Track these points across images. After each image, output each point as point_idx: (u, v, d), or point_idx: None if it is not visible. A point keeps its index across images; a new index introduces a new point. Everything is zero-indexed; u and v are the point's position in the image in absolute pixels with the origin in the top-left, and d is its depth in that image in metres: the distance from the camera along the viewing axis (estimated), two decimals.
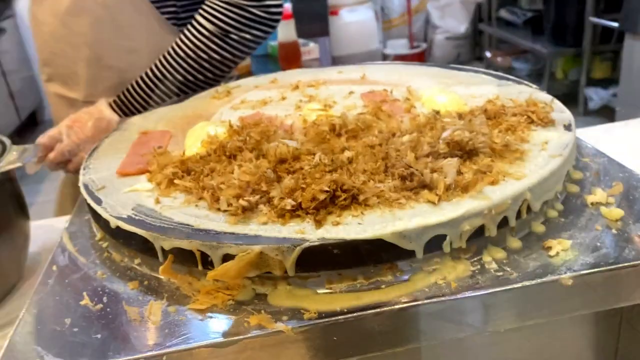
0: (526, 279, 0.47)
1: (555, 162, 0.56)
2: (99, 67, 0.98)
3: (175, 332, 0.47)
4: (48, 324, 0.49)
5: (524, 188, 0.52)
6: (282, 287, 0.49)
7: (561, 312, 0.49)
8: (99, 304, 0.51)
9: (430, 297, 0.47)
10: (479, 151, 0.57)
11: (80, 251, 0.60)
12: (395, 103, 0.75)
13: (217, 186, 0.55)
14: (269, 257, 0.48)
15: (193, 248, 0.50)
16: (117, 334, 0.47)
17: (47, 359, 0.45)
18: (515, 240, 0.52)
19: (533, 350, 0.56)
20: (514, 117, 0.65)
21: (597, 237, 0.52)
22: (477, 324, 0.48)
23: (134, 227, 0.53)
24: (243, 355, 0.46)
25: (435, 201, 0.50)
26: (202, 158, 0.62)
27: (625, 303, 0.50)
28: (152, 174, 0.62)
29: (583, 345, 0.57)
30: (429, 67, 0.90)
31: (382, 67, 0.94)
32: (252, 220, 0.51)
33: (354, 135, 0.64)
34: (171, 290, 0.52)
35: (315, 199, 0.51)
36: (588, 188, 0.60)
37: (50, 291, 0.54)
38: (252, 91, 0.88)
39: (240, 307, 0.48)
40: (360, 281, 0.49)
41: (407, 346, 0.48)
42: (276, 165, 0.57)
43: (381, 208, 0.51)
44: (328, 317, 0.46)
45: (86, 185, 0.63)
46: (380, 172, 0.55)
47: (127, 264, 0.56)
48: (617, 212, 0.54)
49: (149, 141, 0.71)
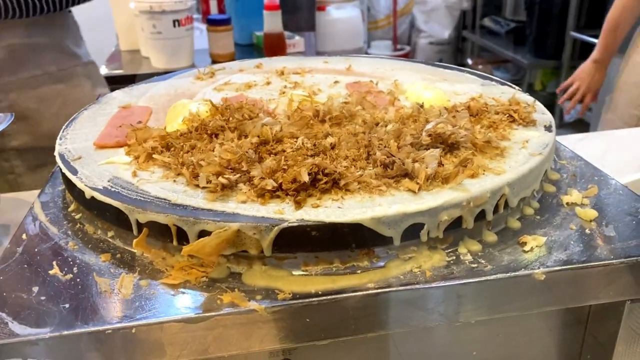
0: (500, 272, 0.48)
1: (535, 160, 0.56)
2: None
3: (146, 305, 0.46)
4: (14, 291, 0.48)
5: (503, 183, 0.52)
6: (257, 266, 0.49)
7: (532, 306, 0.50)
8: (68, 274, 0.50)
9: (404, 284, 0.47)
10: (460, 145, 0.58)
11: (52, 221, 0.58)
12: (380, 95, 0.75)
13: (196, 163, 0.54)
14: (246, 235, 0.47)
15: (169, 222, 0.49)
16: (85, 305, 0.46)
17: (11, 325, 0.44)
18: (491, 234, 0.53)
19: (500, 346, 0.57)
20: (496, 115, 0.65)
21: (571, 235, 0.53)
22: (450, 314, 0.48)
23: (109, 198, 0.52)
24: (214, 332, 0.45)
25: (416, 190, 0.50)
26: (182, 135, 0.61)
27: (595, 301, 0.51)
28: (130, 148, 0.61)
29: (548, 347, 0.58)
30: (415, 63, 0.91)
31: (368, 59, 0.94)
32: (230, 198, 0.51)
33: (338, 122, 0.64)
34: (144, 264, 0.51)
35: (296, 181, 0.50)
36: (564, 189, 0.61)
37: (18, 259, 0.52)
38: (237, 74, 0.87)
39: (213, 284, 0.48)
40: (337, 265, 0.49)
41: (379, 332, 0.48)
42: (258, 146, 0.57)
43: (361, 194, 0.51)
44: (302, 298, 0.45)
45: (62, 155, 0.61)
46: (362, 159, 0.55)
47: (100, 236, 0.55)
48: (591, 212, 0.55)
49: (129, 115, 0.70)
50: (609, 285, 0.50)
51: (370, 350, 0.53)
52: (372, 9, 4.28)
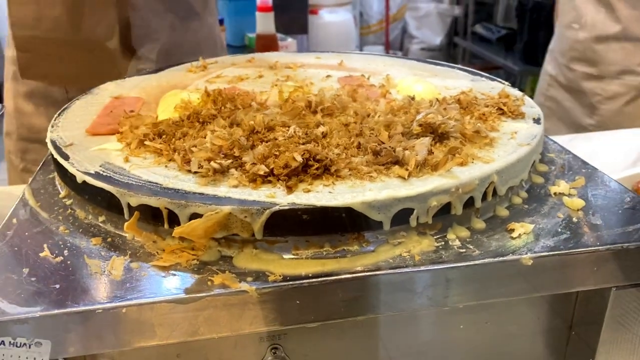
0: (488, 257, 0.49)
1: (523, 150, 0.57)
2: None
3: (137, 286, 0.46)
4: (4, 273, 0.48)
5: (492, 171, 0.53)
6: (248, 250, 0.49)
7: (519, 292, 0.51)
8: (59, 256, 0.50)
9: (393, 268, 0.47)
10: (450, 135, 0.58)
11: (43, 207, 0.58)
12: (372, 88, 0.76)
13: (188, 149, 0.55)
14: (237, 218, 0.48)
15: (160, 205, 0.49)
16: (76, 285, 0.46)
17: (1, 305, 0.44)
18: (480, 221, 0.53)
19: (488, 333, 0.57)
20: (486, 107, 0.66)
21: (558, 223, 0.54)
22: (438, 298, 0.49)
23: (101, 182, 0.52)
24: (204, 313, 0.45)
25: (406, 176, 0.51)
26: (174, 122, 0.62)
27: (581, 288, 0.52)
28: (122, 135, 0.61)
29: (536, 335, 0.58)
30: (406, 60, 0.92)
31: (360, 56, 0.95)
32: (222, 183, 0.51)
33: (330, 113, 0.65)
34: (135, 248, 0.51)
35: (287, 166, 0.51)
36: (552, 180, 0.62)
37: (8, 242, 0.52)
38: (229, 68, 0.88)
39: (204, 267, 0.48)
40: (327, 249, 0.49)
41: (368, 315, 0.48)
42: (250, 134, 0.57)
43: (352, 179, 0.51)
44: (292, 280, 0.46)
45: (54, 141, 0.61)
46: (353, 147, 0.56)
47: (91, 221, 0.55)
48: (578, 202, 0.56)
49: (122, 105, 0.70)
50: (595, 272, 0.51)
51: (358, 336, 0.54)
52: (365, 13, 4.31)
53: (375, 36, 4.36)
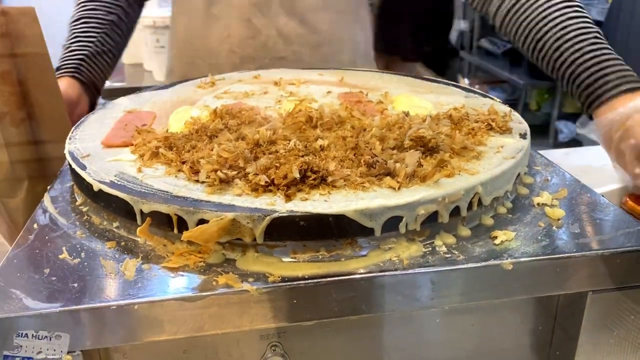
0: (472, 262, 0.53)
1: (508, 163, 0.61)
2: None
3: (148, 285, 0.50)
4: (27, 273, 0.52)
5: (477, 182, 0.57)
6: (250, 253, 0.54)
7: (501, 295, 0.55)
8: (76, 258, 0.54)
9: (384, 271, 0.51)
10: (439, 149, 0.63)
11: (61, 213, 0.63)
12: (369, 104, 0.80)
13: (196, 160, 0.59)
14: (240, 224, 0.52)
15: (170, 212, 0.54)
16: (92, 285, 0.51)
17: (25, 301, 0.48)
18: (465, 229, 0.57)
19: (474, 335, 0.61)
20: (475, 123, 0.70)
21: (539, 231, 0.57)
22: (425, 300, 0.53)
23: (116, 190, 0.57)
24: (209, 311, 0.49)
25: (396, 187, 0.55)
26: (184, 136, 0.66)
27: (559, 291, 0.56)
28: (136, 147, 0.66)
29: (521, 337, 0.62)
30: (404, 77, 0.96)
31: (359, 73, 1.00)
32: (227, 192, 0.56)
33: (329, 127, 0.69)
34: (146, 251, 0.56)
35: (287, 177, 0.55)
36: (537, 191, 0.66)
37: (30, 245, 0.57)
38: (236, 84, 0.93)
39: (210, 268, 0.52)
40: (322, 253, 0.53)
41: (361, 314, 0.52)
42: (254, 147, 0.62)
43: (347, 189, 0.55)
44: (290, 281, 0.50)
45: (71, 152, 0.66)
46: (349, 159, 0.60)
47: (106, 226, 0.60)
48: (559, 212, 0.60)
49: (134, 119, 0.75)
50: (573, 276, 0.55)
51: (352, 335, 0.58)
52: None
53: None
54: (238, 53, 1.08)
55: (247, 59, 1.08)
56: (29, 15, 0.81)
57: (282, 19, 1.06)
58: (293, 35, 1.07)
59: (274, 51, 1.08)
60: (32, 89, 0.84)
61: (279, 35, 1.07)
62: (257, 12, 1.06)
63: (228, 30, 1.07)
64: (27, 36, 0.82)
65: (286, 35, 1.07)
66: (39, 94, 0.84)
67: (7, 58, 0.81)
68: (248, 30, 1.06)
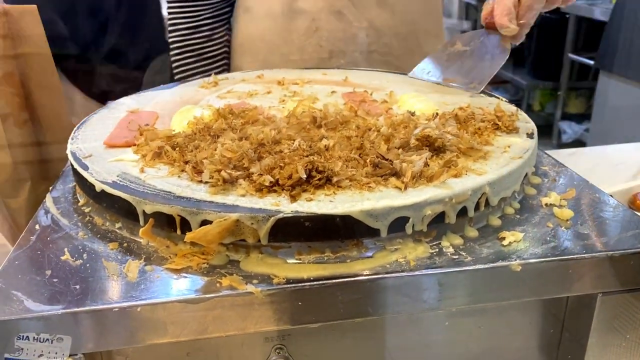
0: (479, 263, 0.52)
1: (515, 163, 0.60)
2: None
3: (151, 287, 0.50)
4: (28, 274, 0.52)
5: (484, 183, 0.56)
6: (254, 254, 0.53)
7: (510, 297, 0.54)
8: (78, 260, 0.54)
9: (390, 272, 0.50)
10: (446, 149, 0.62)
11: (63, 214, 0.62)
12: (374, 103, 0.79)
13: (199, 161, 0.58)
14: (244, 225, 0.51)
15: (174, 213, 0.53)
16: (95, 286, 0.50)
17: (26, 303, 0.48)
18: (473, 229, 0.56)
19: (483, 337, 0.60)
20: (482, 122, 0.69)
21: (547, 232, 0.57)
22: (432, 302, 0.52)
23: (118, 191, 0.56)
24: (213, 313, 0.49)
25: (402, 187, 0.54)
26: (187, 136, 0.66)
27: (568, 293, 0.55)
28: (138, 147, 0.65)
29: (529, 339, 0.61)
30: (408, 77, 0.95)
31: (364, 72, 0.99)
32: (231, 192, 0.55)
33: (333, 127, 0.68)
34: (149, 252, 0.55)
35: (292, 177, 0.54)
36: (544, 192, 0.65)
37: (32, 246, 0.56)
38: (239, 84, 0.92)
39: (213, 270, 0.52)
40: (328, 254, 0.53)
41: (366, 317, 0.51)
42: (257, 147, 0.61)
43: (352, 190, 0.55)
44: (295, 283, 0.49)
45: (73, 153, 0.66)
46: (354, 159, 0.59)
47: (108, 227, 0.59)
48: (567, 212, 0.59)
49: (137, 119, 0.74)
50: (582, 278, 0.54)
51: (357, 338, 0.57)
52: None
53: None
54: (326, 47, 1.05)
55: (336, 53, 1.06)
56: (31, 15, 0.81)
57: (374, 10, 1.04)
58: (385, 27, 1.04)
59: (365, 44, 1.05)
60: (35, 89, 0.83)
61: (370, 27, 1.04)
62: (349, 3, 1.04)
63: (316, 23, 1.04)
64: (29, 36, 0.81)
65: (378, 27, 1.05)
66: (41, 95, 0.84)
67: (9, 59, 0.80)
68: (339, 23, 1.03)
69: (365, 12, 1.04)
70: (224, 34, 1.18)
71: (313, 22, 1.05)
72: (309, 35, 1.06)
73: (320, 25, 1.05)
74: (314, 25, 1.05)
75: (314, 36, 1.05)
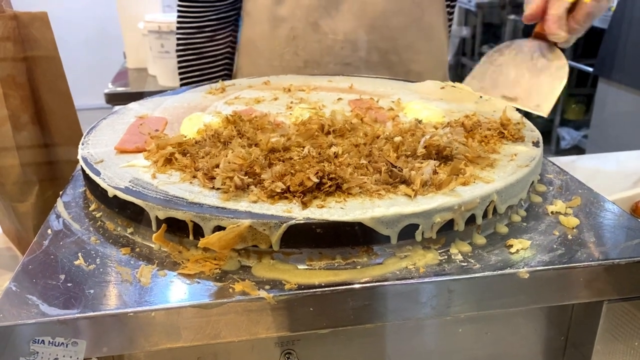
0: (487, 270, 0.52)
1: (522, 171, 0.61)
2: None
3: (164, 292, 0.50)
4: (43, 278, 0.52)
5: (492, 190, 0.57)
6: (266, 260, 0.53)
7: (517, 304, 0.54)
8: (92, 264, 0.54)
9: (400, 279, 0.51)
10: (453, 157, 0.63)
11: (75, 219, 0.63)
12: (380, 110, 0.80)
13: (210, 167, 0.59)
14: (257, 231, 0.52)
15: (186, 218, 0.53)
16: (109, 291, 0.50)
17: (41, 307, 0.48)
18: (481, 237, 0.57)
19: (488, 344, 0.61)
20: (488, 131, 0.70)
21: (554, 240, 0.57)
22: (441, 308, 0.53)
23: (131, 196, 0.57)
24: (226, 318, 0.49)
25: (412, 195, 0.55)
26: (197, 143, 0.66)
27: (575, 301, 0.56)
28: (149, 153, 0.66)
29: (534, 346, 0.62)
30: (412, 84, 0.96)
31: (369, 79, 1.00)
32: (243, 198, 0.55)
33: (341, 134, 0.69)
34: (161, 257, 0.56)
35: (303, 184, 0.55)
36: (550, 200, 0.66)
37: (44, 251, 0.57)
38: (246, 90, 0.93)
39: (225, 275, 0.52)
40: (338, 261, 0.53)
41: (376, 322, 0.52)
42: (268, 154, 0.62)
43: (362, 197, 0.55)
44: (306, 289, 0.50)
45: (85, 158, 0.66)
46: (363, 167, 0.60)
47: (120, 232, 0.60)
48: (573, 220, 0.60)
49: (146, 125, 0.75)
50: (588, 286, 0.54)
51: (366, 344, 0.57)
52: None
53: None
54: (302, 56, 1.06)
55: (311, 63, 1.06)
56: (41, 20, 0.82)
57: (351, 23, 1.03)
58: (362, 42, 1.05)
59: (340, 57, 1.05)
60: (44, 93, 0.84)
61: (346, 40, 1.04)
62: (326, 15, 1.03)
63: (294, 32, 1.05)
64: (39, 40, 0.82)
65: (354, 40, 1.05)
66: (51, 98, 0.85)
67: (19, 62, 0.81)
68: (315, 34, 1.04)
69: (341, 25, 1.04)
70: (227, 35, 1.21)
71: (292, 31, 1.06)
72: (288, 43, 1.07)
73: (297, 34, 1.06)
74: (292, 34, 1.06)
75: (292, 44, 1.07)
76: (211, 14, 1.17)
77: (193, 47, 1.19)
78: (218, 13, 1.17)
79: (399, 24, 1.02)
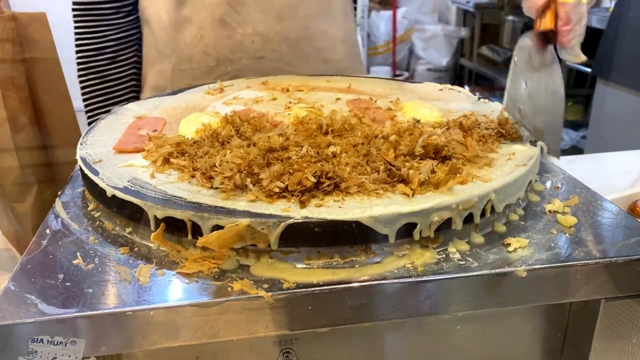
0: (485, 269, 0.53)
1: (520, 170, 0.61)
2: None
3: (163, 291, 0.50)
4: (41, 278, 0.52)
5: (490, 190, 0.57)
6: (264, 259, 0.54)
7: (515, 302, 0.55)
8: (90, 264, 0.54)
9: (398, 277, 0.51)
10: (452, 156, 0.63)
11: (73, 218, 0.63)
12: (378, 110, 0.80)
13: (209, 167, 0.59)
14: (255, 230, 0.52)
15: (185, 218, 0.54)
16: (108, 290, 0.51)
17: (40, 306, 0.48)
18: (479, 236, 0.57)
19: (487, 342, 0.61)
20: (486, 130, 0.70)
21: (552, 239, 0.58)
22: (439, 307, 0.53)
23: (130, 196, 0.57)
24: (224, 317, 0.49)
25: (410, 194, 0.55)
26: (195, 143, 0.66)
27: (573, 299, 0.56)
28: (148, 153, 0.66)
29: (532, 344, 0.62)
30: (410, 84, 0.97)
31: (367, 80, 1.00)
32: (241, 198, 0.56)
33: (339, 134, 0.69)
34: (160, 257, 0.56)
35: (301, 183, 0.55)
36: (548, 199, 0.66)
37: (43, 250, 0.57)
38: (244, 90, 0.93)
39: (224, 274, 0.52)
40: (337, 259, 0.53)
41: (374, 321, 0.52)
42: (266, 153, 0.62)
43: (360, 196, 0.56)
44: (305, 287, 0.50)
45: (83, 158, 0.66)
46: (361, 166, 0.60)
47: (119, 232, 0.60)
48: (571, 219, 0.60)
49: (145, 125, 0.75)
50: (585, 284, 0.55)
51: (364, 343, 0.58)
52: (372, 35, 4.39)
53: (383, 57, 4.43)
54: (213, 55, 1.04)
55: (223, 61, 1.04)
56: (39, 21, 0.82)
57: (257, 15, 1.02)
58: (272, 33, 1.03)
59: (251, 51, 1.04)
60: (42, 94, 0.84)
61: (255, 34, 1.03)
62: (231, 10, 1.02)
63: (201, 32, 1.03)
64: (37, 41, 0.82)
65: (263, 33, 1.03)
66: (49, 99, 0.85)
67: (17, 63, 0.81)
68: (222, 30, 1.02)
69: (248, 18, 1.02)
70: (132, 55, 1.14)
71: (198, 31, 1.04)
72: (195, 44, 1.04)
73: (204, 33, 1.03)
74: (199, 34, 1.04)
75: (200, 45, 1.04)
76: (111, 33, 1.09)
77: (95, 71, 1.10)
78: (119, 32, 1.10)
79: (308, 12, 1.00)
